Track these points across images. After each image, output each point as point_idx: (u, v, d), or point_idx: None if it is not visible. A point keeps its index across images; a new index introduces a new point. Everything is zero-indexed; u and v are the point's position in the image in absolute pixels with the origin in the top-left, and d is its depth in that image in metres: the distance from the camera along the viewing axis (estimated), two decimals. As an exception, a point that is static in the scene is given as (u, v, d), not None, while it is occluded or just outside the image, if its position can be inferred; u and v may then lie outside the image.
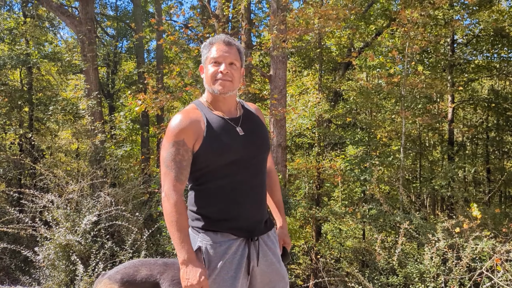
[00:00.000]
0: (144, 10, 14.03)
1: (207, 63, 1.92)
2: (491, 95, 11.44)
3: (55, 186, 6.25)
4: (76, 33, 8.59)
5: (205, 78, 1.93)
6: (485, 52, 11.11)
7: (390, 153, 8.05)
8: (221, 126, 1.88)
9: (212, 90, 1.91)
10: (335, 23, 6.18)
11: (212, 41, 1.93)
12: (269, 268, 1.95)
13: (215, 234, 1.86)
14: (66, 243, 4.46)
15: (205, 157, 1.84)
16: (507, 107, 11.00)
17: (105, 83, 13.59)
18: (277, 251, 2.01)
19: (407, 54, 6.69)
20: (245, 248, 1.88)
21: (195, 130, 1.84)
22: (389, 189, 10.28)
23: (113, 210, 5.06)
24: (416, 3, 6.84)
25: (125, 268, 2.08)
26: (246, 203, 1.90)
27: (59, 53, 12.58)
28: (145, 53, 14.18)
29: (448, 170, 8.05)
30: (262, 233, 1.95)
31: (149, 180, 6.91)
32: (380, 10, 11.32)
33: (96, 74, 8.66)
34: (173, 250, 4.79)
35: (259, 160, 1.96)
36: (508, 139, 12.29)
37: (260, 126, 2.03)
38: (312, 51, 10.99)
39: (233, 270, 1.83)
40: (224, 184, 1.86)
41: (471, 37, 11.26)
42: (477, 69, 11.22)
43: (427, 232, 4.69)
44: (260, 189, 1.97)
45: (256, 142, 1.95)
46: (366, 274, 4.76)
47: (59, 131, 12.04)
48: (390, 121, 10.35)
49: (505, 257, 3.81)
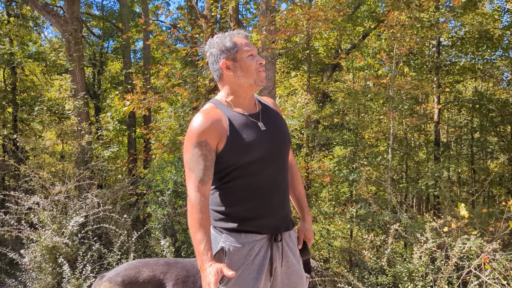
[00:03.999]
0: (130, 10, 13.92)
1: (242, 56, 1.86)
2: (475, 97, 11.62)
3: (40, 187, 6.15)
4: (61, 32, 8.46)
5: (245, 71, 1.86)
6: (470, 54, 11.29)
7: (378, 153, 8.11)
8: (244, 123, 1.84)
9: (254, 82, 1.87)
10: (324, 24, 6.20)
11: (232, 35, 1.89)
12: (289, 269, 1.91)
13: (239, 234, 1.81)
14: (52, 245, 4.39)
15: (231, 156, 1.79)
16: (491, 108, 11.18)
17: (91, 83, 13.43)
18: (297, 252, 1.98)
19: (394, 56, 6.75)
20: (268, 249, 1.84)
21: (218, 129, 1.79)
22: (375, 189, 10.36)
23: (100, 211, 5.00)
24: (403, 6, 6.91)
25: (125, 270, 2.03)
26: (274, 200, 1.86)
27: (44, 53, 12.41)
28: (132, 53, 14.07)
29: (435, 170, 8.15)
30: (286, 229, 1.92)
31: (137, 182, 6.85)
32: (367, 12, 11.43)
33: (83, 74, 8.55)
34: (162, 252, 4.75)
35: (283, 154, 1.92)
36: (492, 140, 12.49)
37: (279, 120, 1.99)
38: (300, 53, 11.03)
39: (255, 272, 1.79)
40: (251, 182, 1.81)
41: (456, 39, 11.43)
42: (462, 70, 11.39)
43: (415, 232, 4.74)
44: (285, 185, 1.94)
45: (279, 136, 1.91)
46: (355, 274, 4.79)
47: (44, 132, 11.86)
48: (377, 122, 10.45)
49: (493, 255, 3.87)
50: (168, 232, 4.88)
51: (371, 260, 4.73)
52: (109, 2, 21.21)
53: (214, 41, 1.91)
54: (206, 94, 7.44)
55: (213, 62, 1.91)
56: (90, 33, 14.30)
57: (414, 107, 9.07)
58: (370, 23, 11.49)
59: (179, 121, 7.18)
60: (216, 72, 1.92)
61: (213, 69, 1.93)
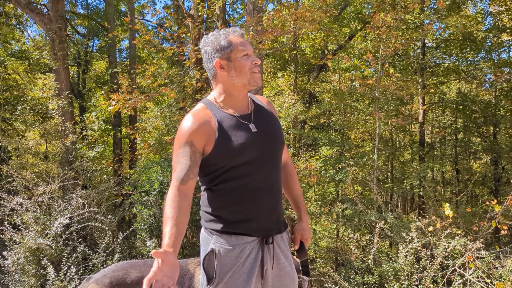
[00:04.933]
0: (116, 8, 13.79)
1: (237, 55, 1.82)
2: (459, 98, 11.80)
3: (23, 188, 6.05)
4: (45, 31, 8.33)
5: (239, 71, 1.82)
6: (454, 56, 11.46)
7: (364, 153, 8.18)
8: (234, 125, 1.81)
9: (248, 82, 1.84)
10: (311, 25, 6.23)
11: (228, 33, 1.85)
12: (281, 272, 1.89)
13: (229, 236, 1.79)
14: (36, 247, 4.32)
15: (219, 158, 1.77)
16: (474, 109, 11.37)
17: (76, 82, 13.26)
18: (289, 254, 1.96)
19: (380, 57, 6.81)
20: (259, 251, 1.82)
21: (206, 131, 1.77)
22: (361, 189, 10.45)
23: (85, 212, 4.94)
24: (388, 7, 6.98)
25: (113, 271, 2.00)
26: (264, 203, 1.84)
27: (27, 51, 12.21)
28: (117, 52, 13.93)
29: (420, 170, 8.24)
30: (278, 232, 1.89)
31: (123, 182, 6.78)
32: (353, 13, 11.52)
33: (67, 73, 8.43)
34: (148, 253, 4.71)
35: (275, 156, 1.90)
36: (475, 140, 12.70)
37: (273, 121, 1.96)
38: (287, 53, 11.06)
39: (246, 274, 1.77)
40: (242, 184, 1.78)
41: (441, 41, 11.58)
42: (446, 72, 11.55)
43: (400, 231, 4.78)
44: (277, 186, 1.91)
45: (270, 138, 1.88)
46: (342, 273, 4.81)
47: (27, 131, 11.67)
48: (363, 122, 10.53)
49: (476, 254, 3.93)
50: (154, 233, 4.84)
51: (357, 260, 4.76)
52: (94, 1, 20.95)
53: (209, 39, 1.87)
54: (192, 94, 7.41)
55: (207, 61, 1.88)
56: (74, 32, 14.11)
57: (400, 107, 9.18)
58: (356, 24, 11.59)
59: (165, 121, 7.14)
60: (210, 71, 1.89)
61: (207, 67, 1.90)
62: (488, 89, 13.49)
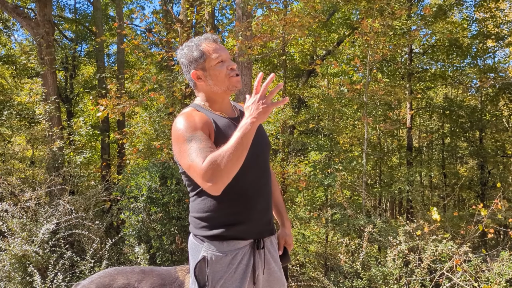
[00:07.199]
0: (104, 13, 13.72)
1: (211, 64, 1.82)
2: (446, 103, 11.94)
3: (9, 194, 5.97)
4: (33, 35, 8.26)
5: (215, 79, 1.82)
6: (440, 62, 11.61)
7: (353, 158, 8.23)
8: (227, 125, 1.82)
9: (227, 88, 1.84)
10: (299, 30, 6.27)
11: (200, 42, 1.85)
12: (271, 277, 1.89)
13: (221, 243, 1.77)
14: (22, 254, 4.25)
15: None
16: (460, 114, 11.51)
17: (63, 87, 13.14)
18: (278, 258, 1.97)
19: (368, 62, 6.87)
20: (250, 257, 1.81)
21: (206, 125, 1.75)
22: (350, 194, 10.49)
23: (73, 218, 4.88)
24: (376, 13, 7.06)
25: (100, 278, 1.98)
26: (258, 204, 1.84)
27: (13, 56, 12.07)
28: (106, 57, 13.84)
29: (409, 175, 8.31)
30: (270, 234, 1.90)
31: (111, 188, 6.72)
32: (342, 19, 11.63)
33: (54, 78, 8.35)
34: (136, 259, 4.66)
35: (265, 158, 1.92)
36: (462, 145, 12.85)
37: (259, 125, 1.95)
38: (276, 58, 11.10)
39: (238, 280, 1.76)
40: (234, 185, 1.74)
41: (428, 47, 11.73)
42: (433, 77, 11.70)
43: (389, 235, 4.81)
44: (269, 188, 1.92)
45: (260, 140, 1.89)
46: (331, 278, 4.81)
47: (13, 137, 11.52)
48: (352, 127, 10.60)
49: (464, 257, 3.97)
50: (143, 239, 4.80)
51: (346, 264, 4.77)
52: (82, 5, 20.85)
53: (183, 51, 1.88)
54: (182, 99, 7.39)
55: (185, 72, 1.90)
56: (62, 36, 14.00)
57: (388, 113, 9.26)
58: (344, 30, 11.69)
59: (154, 126, 7.10)
60: (190, 82, 1.91)
61: (187, 78, 1.92)
62: (474, 95, 13.69)
